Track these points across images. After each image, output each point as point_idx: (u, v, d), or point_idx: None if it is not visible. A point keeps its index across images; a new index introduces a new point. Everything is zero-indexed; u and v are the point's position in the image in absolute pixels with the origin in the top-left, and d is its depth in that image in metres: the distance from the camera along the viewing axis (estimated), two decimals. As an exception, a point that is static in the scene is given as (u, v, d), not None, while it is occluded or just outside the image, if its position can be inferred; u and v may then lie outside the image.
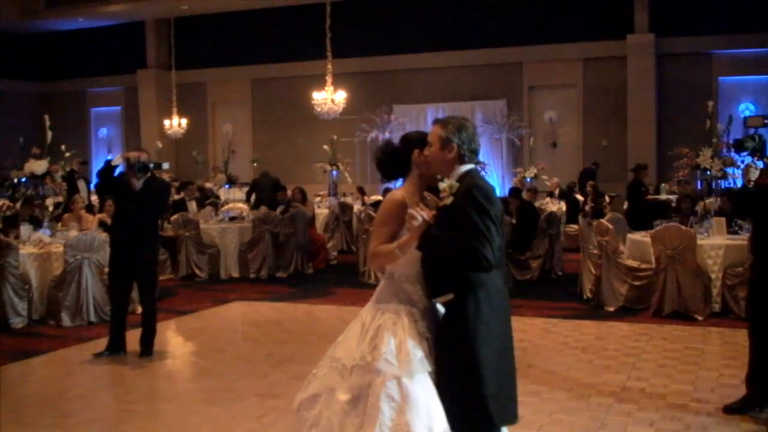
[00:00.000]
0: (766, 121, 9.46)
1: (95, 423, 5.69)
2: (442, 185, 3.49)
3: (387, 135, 20.06)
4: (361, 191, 17.75)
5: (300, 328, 8.95)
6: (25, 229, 10.02)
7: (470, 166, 3.56)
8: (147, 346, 7.60)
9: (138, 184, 7.36)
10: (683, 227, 9.17)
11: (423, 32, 21.23)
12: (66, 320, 9.02)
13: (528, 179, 17.82)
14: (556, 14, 20.13)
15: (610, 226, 9.64)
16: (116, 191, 7.67)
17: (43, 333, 8.77)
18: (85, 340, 8.27)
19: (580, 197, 16.42)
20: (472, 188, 3.42)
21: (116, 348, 7.62)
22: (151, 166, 7.47)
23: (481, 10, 20.71)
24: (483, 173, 3.70)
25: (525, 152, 20.41)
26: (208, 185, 18.18)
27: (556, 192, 17.52)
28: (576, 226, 13.07)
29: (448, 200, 3.46)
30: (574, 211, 14.80)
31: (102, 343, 7.81)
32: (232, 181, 18.55)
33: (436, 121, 3.64)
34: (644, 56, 19.27)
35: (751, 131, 9.21)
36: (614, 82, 19.70)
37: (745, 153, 9.06)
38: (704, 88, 18.36)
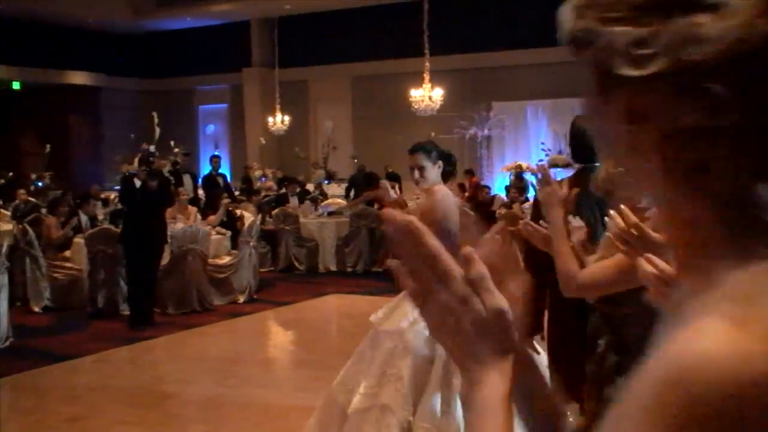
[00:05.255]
0: None
1: (193, 405, 5.96)
2: None
3: (486, 132, 20.01)
4: (462, 187, 17.61)
5: (393, 321, 9.05)
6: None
7: None
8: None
9: (153, 185, 8.88)
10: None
11: (522, 28, 21.01)
12: (170, 308, 9.40)
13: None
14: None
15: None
16: (134, 196, 8.97)
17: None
18: (189, 327, 8.61)
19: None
20: None
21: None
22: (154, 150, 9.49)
23: (583, 4, 20.36)
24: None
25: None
26: (309, 186, 18.33)
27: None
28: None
29: None
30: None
31: (201, 331, 8.20)
32: (330, 177, 18.78)
33: None
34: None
35: None
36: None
37: None
38: None
